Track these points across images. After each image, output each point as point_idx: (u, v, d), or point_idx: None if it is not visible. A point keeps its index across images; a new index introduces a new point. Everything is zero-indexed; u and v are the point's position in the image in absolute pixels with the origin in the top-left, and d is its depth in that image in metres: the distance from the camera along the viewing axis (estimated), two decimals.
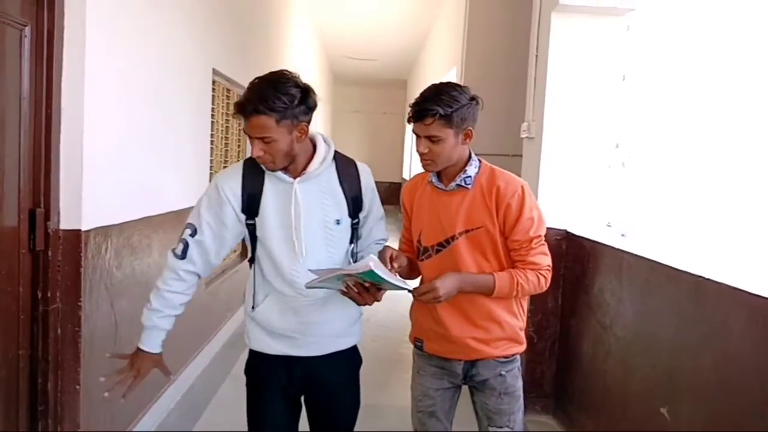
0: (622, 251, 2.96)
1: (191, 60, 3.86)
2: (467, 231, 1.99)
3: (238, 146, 5.52)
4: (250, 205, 1.86)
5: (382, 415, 3.50)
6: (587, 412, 3.29)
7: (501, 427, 2.09)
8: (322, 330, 1.96)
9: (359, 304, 1.88)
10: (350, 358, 2.07)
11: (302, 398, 2.07)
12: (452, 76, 7.61)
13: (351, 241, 1.98)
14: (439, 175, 2.04)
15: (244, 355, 2.09)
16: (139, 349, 1.93)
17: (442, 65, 9.27)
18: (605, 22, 3.56)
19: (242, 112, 1.75)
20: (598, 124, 3.62)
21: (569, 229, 3.59)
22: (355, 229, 1.97)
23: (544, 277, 2.03)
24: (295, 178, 1.87)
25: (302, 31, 9.73)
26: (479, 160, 2.06)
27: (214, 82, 4.45)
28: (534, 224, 1.98)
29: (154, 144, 3.27)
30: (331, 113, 17.58)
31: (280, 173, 1.85)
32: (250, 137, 1.79)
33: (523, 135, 3.98)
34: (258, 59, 6.15)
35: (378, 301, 1.83)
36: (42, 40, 2.28)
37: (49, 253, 2.36)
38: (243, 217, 1.88)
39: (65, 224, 2.41)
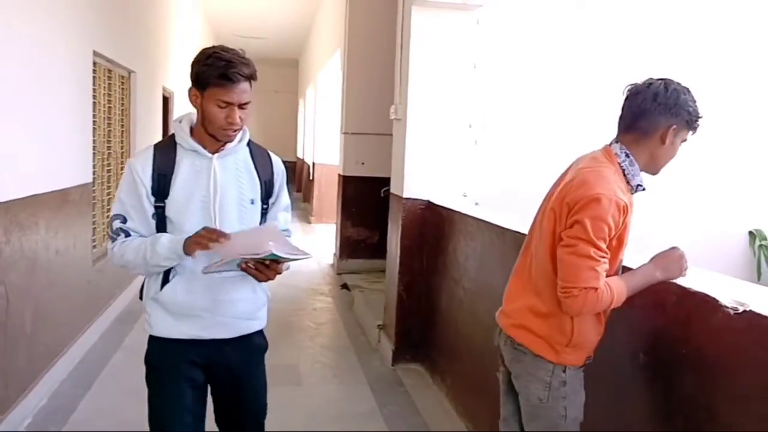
0: (468, 216, 3.48)
1: (72, 43, 3.96)
2: None
3: (122, 126, 5.59)
4: (160, 186, 1.83)
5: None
6: (445, 355, 3.83)
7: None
8: (232, 310, 1.92)
9: (260, 281, 1.86)
10: (258, 341, 2.04)
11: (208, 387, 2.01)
12: (337, 59, 7.95)
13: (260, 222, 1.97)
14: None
15: (136, 328, 2.27)
16: (185, 245, 1.77)
17: (328, 47, 9.58)
18: (458, 16, 4.05)
19: (234, 78, 1.74)
20: (454, 107, 4.12)
21: (431, 200, 4.09)
22: (263, 214, 1.97)
23: None
24: (213, 153, 1.87)
25: (186, 9, 9.66)
26: None
27: (95, 64, 4.53)
28: None
29: (33, 124, 3.39)
30: None
31: (200, 148, 1.85)
32: (226, 104, 1.77)
33: (392, 116, 4.43)
34: (139, 40, 6.19)
35: (279, 273, 1.83)
36: None
37: None
38: (152, 199, 1.84)
39: None
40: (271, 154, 2.03)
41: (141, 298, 1.98)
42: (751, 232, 4.85)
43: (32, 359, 3.38)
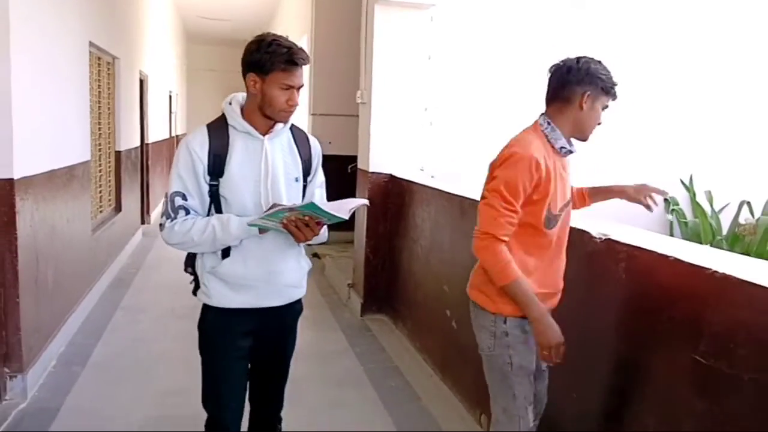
0: (425, 186, 4.16)
1: (74, 35, 4.46)
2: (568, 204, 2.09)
3: (108, 108, 6.06)
4: (216, 165, 1.94)
5: None
6: (405, 304, 4.53)
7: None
8: (283, 279, 2.06)
9: (298, 241, 1.94)
10: (299, 308, 2.20)
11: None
12: (303, 44, 8.48)
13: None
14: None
15: (130, 292, 2.66)
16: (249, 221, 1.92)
17: (294, 32, 10.05)
18: (415, 14, 4.68)
19: (299, 62, 1.89)
20: (412, 93, 4.77)
21: (393, 173, 4.75)
22: (303, 190, 2.10)
23: None
24: (264, 135, 1.99)
25: None
26: None
27: (89, 53, 5.02)
28: None
29: (46, 109, 3.90)
30: (186, 71, 17.61)
31: (252, 130, 1.97)
32: (288, 87, 1.90)
33: (358, 101, 5.06)
34: (121, 27, 6.63)
35: (317, 235, 1.92)
36: None
37: None
38: (207, 178, 1.95)
39: (1, 174, 3.10)
40: (309, 136, 2.16)
41: (187, 270, 2.11)
42: (666, 199, 5.66)
43: (53, 312, 3.94)
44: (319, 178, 2.18)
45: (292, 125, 2.09)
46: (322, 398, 3.48)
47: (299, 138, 2.11)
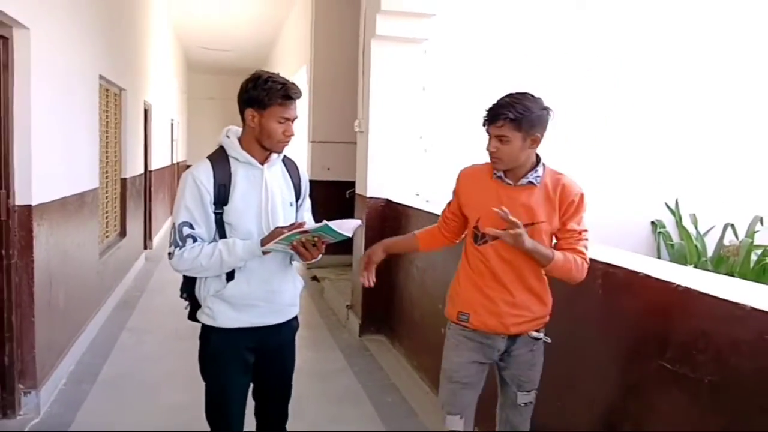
0: (420, 210, 4.36)
1: (86, 70, 4.70)
2: (530, 224, 2.12)
3: (115, 137, 6.29)
4: (221, 195, 2.08)
5: None
6: (402, 323, 4.70)
7: (529, 391, 2.28)
8: (282, 298, 2.22)
9: (305, 260, 2.07)
10: (296, 324, 2.36)
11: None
12: (303, 74, 8.76)
13: None
14: (505, 173, 2.18)
15: (135, 314, 2.78)
16: (263, 247, 2.07)
17: (293, 63, 10.36)
18: (409, 48, 4.94)
19: (294, 96, 2.08)
20: (407, 121, 5.00)
21: (390, 198, 4.95)
22: (296, 213, 2.28)
23: (586, 265, 2.15)
24: (262, 164, 2.15)
25: (158, 24, 10.32)
26: (544, 164, 2.22)
27: (99, 86, 5.25)
28: (583, 221, 2.17)
29: (61, 139, 4.11)
30: (187, 100, 17.96)
31: (252, 160, 2.13)
32: (285, 120, 2.08)
33: (356, 129, 5.29)
34: (128, 59, 6.89)
35: (321, 254, 2.09)
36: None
37: (9, 222, 3.24)
38: (213, 207, 2.08)
39: (20, 201, 3.30)
40: (297, 164, 2.35)
41: (183, 296, 2.25)
42: (653, 222, 5.88)
43: (64, 332, 4.10)
44: (307, 202, 2.38)
45: (284, 155, 2.27)
46: (322, 414, 3.63)
47: (290, 166, 2.29)
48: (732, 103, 5.93)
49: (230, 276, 2.13)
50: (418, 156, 5.05)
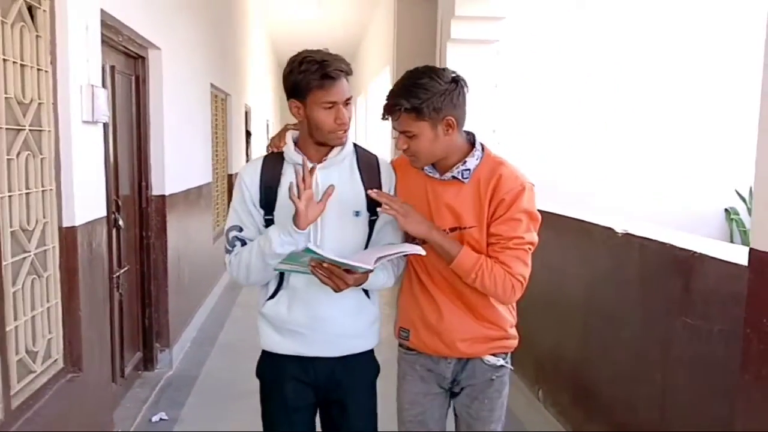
0: None
1: (202, 80, 5.48)
2: (456, 229, 1.81)
3: (223, 138, 7.11)
4: (268, 198, 1.80)
5: None
6: None
7: None
8: (332, 328, 1.83)
9: (335, 290, 1.70)
10: (365, 363, 1.93)
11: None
12: (386, 74, 9.31)
13: (369, 237, 1.86)
14: (434, 164, 1.85)
15: (243, 292, 3.23)
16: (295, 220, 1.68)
17: (377, 63, 10.95)
18: (482, 48, 5.37)
19: (334, 74, 1.70)
20: (481, 116, 5.42)
21: None
22: (372, 224, 1.85)
23: (512, 283, 1.76)
24: (317, 163, 1.78)
25: (255, 30, 11.20)
26: (483, 151, 1.91)
27: (210, 92, 6.05)
28: (520, 226, 1.77)
29: (187, 140, 4.88)
30: (279, 100, 19.05)
31: (299, 158, 1.79)
32: (332, 104, 1.71)
33: None
34: (232, 67, 7.72)
35: (350, 285, 1.69)
36: (139, 84, 3.90)
37: (148, 209, 4.00)
38: (261, 211, 1.82)
39: (156, 191, 4.05)
40: (380, 160, 1.92)
41: None
42: (726, 209, 6.00)
43: (189, 302, 4.88)
44: None
45: (358, 148, 1.89)
46: None
47: (364, 163, 1.87)
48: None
49: (273, 293, 1.87)
50: (492, 149, 5.44)
